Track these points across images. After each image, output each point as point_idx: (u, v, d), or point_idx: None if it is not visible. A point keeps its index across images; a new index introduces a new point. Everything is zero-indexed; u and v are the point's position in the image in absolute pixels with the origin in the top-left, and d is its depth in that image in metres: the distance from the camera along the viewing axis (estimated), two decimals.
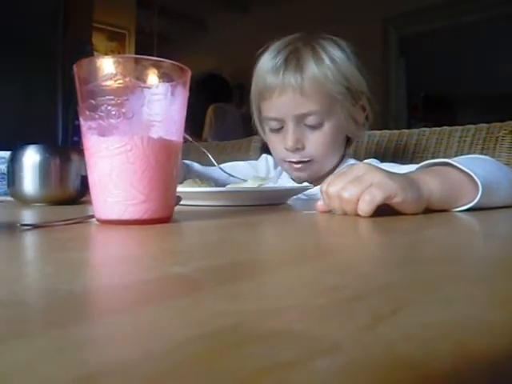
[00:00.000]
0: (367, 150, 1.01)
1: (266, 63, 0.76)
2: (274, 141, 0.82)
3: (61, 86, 1.90)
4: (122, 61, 0.36)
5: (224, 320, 0.12)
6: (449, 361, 0.10)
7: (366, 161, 0.79)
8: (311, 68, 0.73)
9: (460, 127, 0.91)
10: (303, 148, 0.77)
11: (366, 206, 0.40)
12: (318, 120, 0.75)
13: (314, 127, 0.76)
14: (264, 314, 0.13)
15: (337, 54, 0.75)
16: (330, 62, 0.74)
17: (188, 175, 0.85)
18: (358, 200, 0.41)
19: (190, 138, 0.71)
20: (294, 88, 0.73)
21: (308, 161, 0.78)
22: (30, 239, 0.30)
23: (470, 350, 0.10)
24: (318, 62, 0.74)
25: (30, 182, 0.58)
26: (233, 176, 0.80)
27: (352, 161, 0.84)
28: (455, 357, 0.10)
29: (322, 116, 0.75)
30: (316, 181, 0.78)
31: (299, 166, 0.79)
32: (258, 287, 0.16)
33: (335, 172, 0.74)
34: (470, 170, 0.45)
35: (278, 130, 0.79)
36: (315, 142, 0.77)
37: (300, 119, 0.76)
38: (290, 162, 0.80)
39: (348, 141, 0.86)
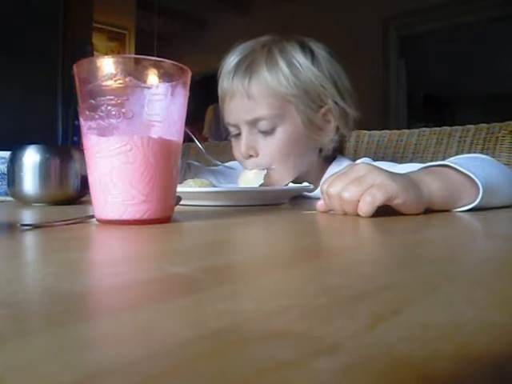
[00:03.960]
0: (367, 150, 1.01)
1: (224, 66, 0.75)
2: (234, 147, 0.80)
3: (61, 86, 1.90)
4: (122, 61, 0.36)
5: (224, 320, 0.12)
6: (449, 361, 0.10)
7: (359, 161, 0.78)
8: (261, 71, 0.71)
9: (460, 127, 0.91)
10: (257, 155, 0.74)
11: (366, 207, 0.40)
12: (270, 125, 0.72)
13: (266, 133, 0.73)
14: (264, 314, 0.13)
15: (298, 57, 0.72)
16: (286, 65, 0.71)
17: (196, 176, 0.83)
18: (359, 201, 0.40)
19: (193, 135, 0.71)
20: (241, 93, 0.71)
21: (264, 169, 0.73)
22: (30, 239, 0.30)
23: (470, 350, 0.10)
24: (269, 64, 0.71)
25: (30, 182, 0.58)
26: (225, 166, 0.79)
27: (347, 161, 0.81)
28: (456, 357, 0.10)
29: (274, 121, 0.72)
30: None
31: None
32: (258, 287, 0.16)
33: (328, 174, 0.73)
34: (470, 171, 0.45)
35: (237, 136, 0.77)
36: (268, 149, 0.73)
37: (252, 125, 0.73)
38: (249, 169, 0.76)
39: (321, 150, 0.81)
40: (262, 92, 0.71)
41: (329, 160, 0.84)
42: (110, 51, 3.06)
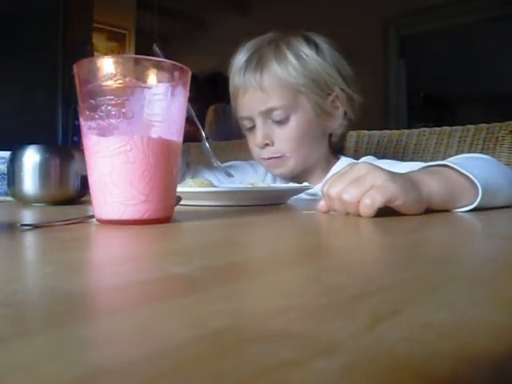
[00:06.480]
0: (367, 150, 1.01)
1: (234, 64, 0.80)
2: (248, 140, 0.84)
3: (61, 86, 1.90)
4: (122, 61, 0.36)
5: (224, 320, 0.12)
6: (449, 362, 0.10)
7: (363, 158, 0.79)
8: (271, 64, 0.75)
9: (460, 127, 0.91)
10: (272, 144, 0.79)
11: (366, 210, 0.40)
12: (284, 114, 0.76)
13: (280, 122, 0.77)
14: (264, 314, 0.13)
15: (304, 49, 0.76)
16: (294, 57, 0.75)
17: (195, 175, 0.86)
18: (359, 202, 0.40)
19: (199, 126, 0.72)
20: (254, 86, 0.76)
21: (280, 156, 0.79)
22: (30, 239, 0.30)
23: (470, 350, 0.10)
24: (278, 58, 0.75)
25: (30, 182, 0.58)
26: (231, 175, 0.82)
27: (348, 159, 0.85)
28: (456, 358, 0.10)
29: (287, 110, 0.76)
30: (299, 178, 0.80)
31: (271, 161, 0.80)
32: (258, 287, 0.16)
33: (331, 173, 0.74)
34: (469, 172, 0.44)
35: (251, 129, 0.81)
36: (283, 137, 0.78)
37: (266, 115, 0.77)
38: (263, 158, 0.81)
39: (331, 136, 0.86)
40: (273, 84, 0.75)
41: (335, 156, 0.88)
42: (109, 51, 3.06)
